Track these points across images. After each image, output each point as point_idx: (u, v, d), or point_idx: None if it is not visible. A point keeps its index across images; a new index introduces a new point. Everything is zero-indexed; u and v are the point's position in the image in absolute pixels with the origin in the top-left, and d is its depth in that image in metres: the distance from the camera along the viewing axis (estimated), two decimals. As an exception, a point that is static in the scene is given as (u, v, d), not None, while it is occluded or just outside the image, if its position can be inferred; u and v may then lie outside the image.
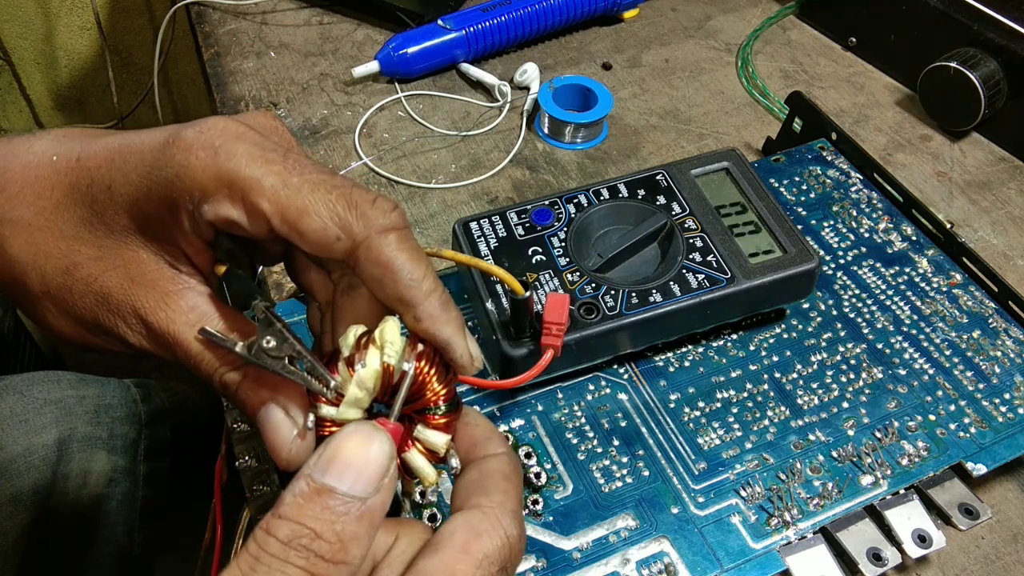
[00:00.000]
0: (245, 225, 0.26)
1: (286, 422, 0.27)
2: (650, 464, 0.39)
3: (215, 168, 0.25)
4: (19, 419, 0.54)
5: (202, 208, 0.26)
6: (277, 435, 0.27)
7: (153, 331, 0.27)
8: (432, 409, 0.28)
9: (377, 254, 0.26)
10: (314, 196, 0.25)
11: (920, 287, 0.46)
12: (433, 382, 0.27)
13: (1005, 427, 0.40)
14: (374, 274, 0.26)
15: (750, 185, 0.45)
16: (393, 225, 0.26)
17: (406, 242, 0.27)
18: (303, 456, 0.27)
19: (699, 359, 0.43)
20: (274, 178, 0.25)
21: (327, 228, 0.25)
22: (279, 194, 0.25)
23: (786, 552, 0.36)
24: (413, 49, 0.61)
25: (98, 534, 0.56)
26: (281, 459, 0.27)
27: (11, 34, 1.09)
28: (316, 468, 0.23)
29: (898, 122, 0.62)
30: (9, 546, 0.50)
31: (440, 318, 0.27)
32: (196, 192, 0.25)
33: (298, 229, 0.25)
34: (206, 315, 0.28)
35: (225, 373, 0.28)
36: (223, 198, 0.25)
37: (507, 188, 0.56)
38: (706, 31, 0.70)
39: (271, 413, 0.27)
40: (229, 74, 0.63)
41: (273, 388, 0.27)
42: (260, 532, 0.22)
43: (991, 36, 0.57)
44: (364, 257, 0.26)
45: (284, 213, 0.25)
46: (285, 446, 0.27)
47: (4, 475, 0.52)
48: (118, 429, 0.59)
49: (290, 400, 0.27)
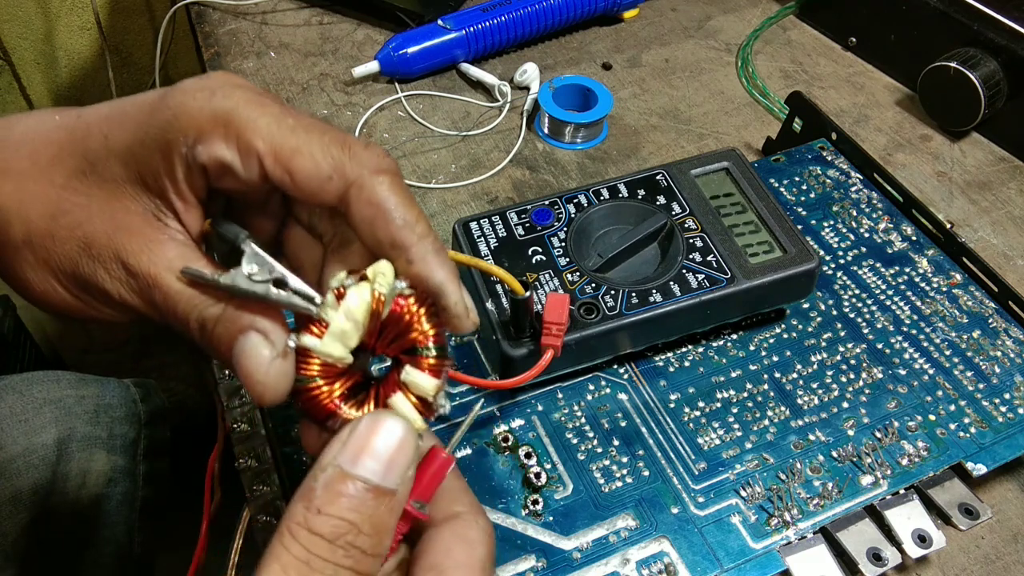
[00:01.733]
0: (238, 167, 0.26)
1: (263, 343, 0.25)
2: (650, 464, 0.39)
3: (211, 107, 0.25)
4: (19, 419, 0.54)
5: (196, 149, 0.25)
6: (253, 358, 0.25)
7: (133, 274, 0.27)
8: (422, 350, 0.26)
9: (370, 193, 0.26)
10: (308, 136, 0.25)
11: (920, 287, 0.46)
12: (423, 320, 0.26)
13: (1005, 427, 0.40)
14: (366, 215, 0.26)
15: (750, 185, 0.45)
16: (387, 167, 0.26)
17: (399, 185, 0.26)
18: (280, 384, 0.25)
19: (699, 359, 0.43)
20: (269, 118, 0.25)
21: (319, 167, 0.25)
22: (273, 133, 0.25)
23: (786, 552, 0.36)
24: (413, 49, 0.61)
25: (98, 534, 0.56)
26: (256, 383, 0.25)
27: (11, 34, 1.09)
28: (345, 457, 0.23)
29: (898, 122, 0.62)
30: (9, 546, 0.50)
31: (433, 261, 0.26)
32: (191, 132, 0.25)
33: (290, 168, 0.25)
34: (190, 261, 0.27)
35: (204, 309, 0.26)
36: (218, 138, 0.25)
37: (507, 188, 0.56)
38: (706, 31, 0.70)
39: (247, 338, 0.25)
40: (229, 74, 0.63)
41: (251, 318, 0.26)
42: (302, 531, 0.22)
43: (991, 36, 0.57)
44: (356, 197, 0.26)
45: (277, 152, 0.25)
46: (262, 368, 0.25)
47: (4, 475, 0.52)
48: (118, 429, 0.59)
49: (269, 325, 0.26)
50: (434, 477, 0.26)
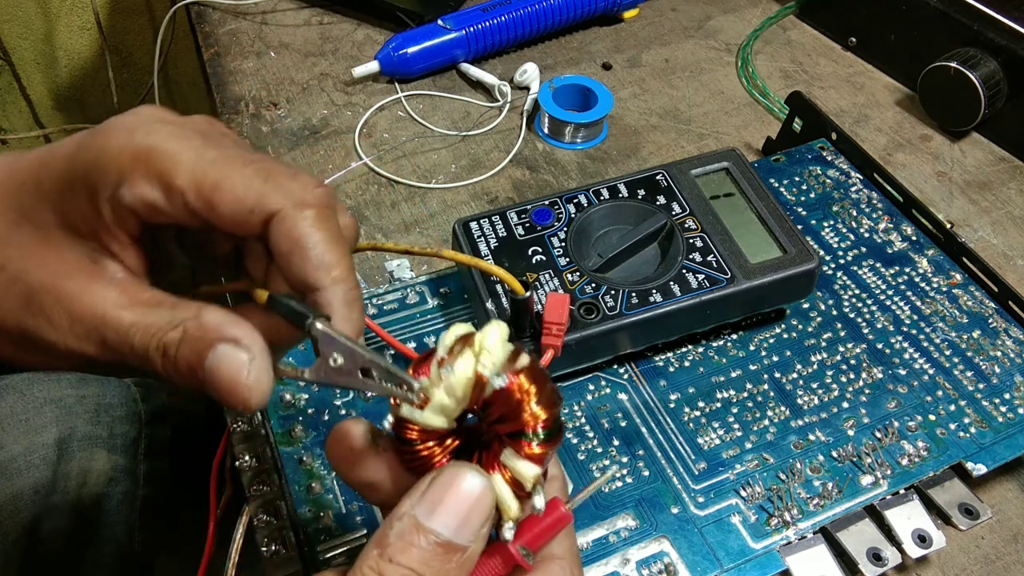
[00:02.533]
0: (162, 204, 0.25)
1: (238, 350, 0.24)
2: (650, 464, 0.39)
3: (131, 147, 0.25)
4: (19, 418, 0.54)
5: (120, 191, 0.25)
6: (231, 366, 0.24)
7: (78, 318, 0.26)
8: (526, 435, 0.24)
9: (289, 227, 0.25)
10: (229, 168, 0.25)
11: (920, 287, 0.46)
12: (531, 403, 0.24)
13: (1005, 427, 0.40)
14: (282, 249, 0.25)
15: (750, 185, 0.45)
16: (314, 201, 0.25)
17: (325, 222, 0.25)
18: (264, 384, 0.24)
19: (699, 359, 0.43)
20: (191, 153, 0.25)
21: (240, 200, 0.24)
22: (194, 168, 0.24)
23: (786, 552, 0.36)
24: (413, 49, 0.61)
25: (98, 533, 0.56)
26: (241, 388, 0.24)
27: (11, 34, 1.09)
28: (420, 509, 0.23)
29: (898, 122, 0.62)
30: (9, 545, 0.50)
31: (338, 312, 0.25)
32: (113, 174, 0.25)
33: (211, 203, 0.25)
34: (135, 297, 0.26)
35: (164, 335, 0.25)
36: (139, 177, 0.25)
37: (507, 188, 0.56)
38: (706, 31, 0.70)
39: (218, 350, 0.24)
40: (229, 74, 0.63)
41: (216, 329, 0.24)
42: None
43: (991, 36, 0.57)
44: (275, 230, 0.25)
45: (199, 187, 0.24)
46: (243, 373, 0.24)
47: (4, 474, 0.52)
48: (118, 428, 0.59)
49: (238, 332, 0.24)
50: (548, 530, 0.25)
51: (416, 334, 0.43)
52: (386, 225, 0.53)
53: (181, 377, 0.25)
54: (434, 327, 0.43)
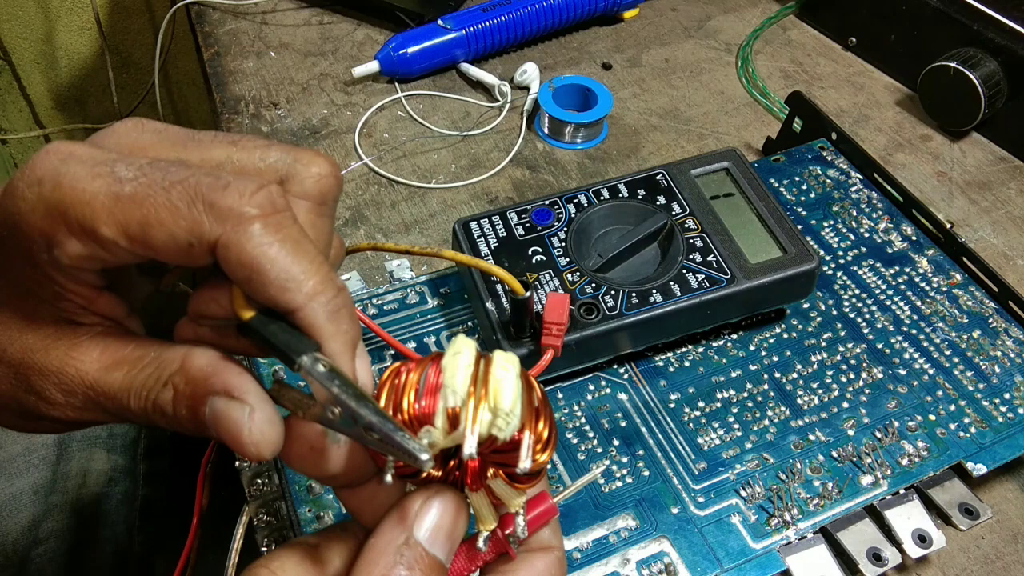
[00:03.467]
0: (103, 256, 0.22)
1: (230, 407, 0.22)
2: (650, 464, 0.39)
3: (43, 206, 0.21)
4: (19, 419, 0.54)
5: (53, 254, 0.21)
6: (230, 423, 0.22)
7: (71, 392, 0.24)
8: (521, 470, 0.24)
9: (236, 253, 0.21)
10: (150, 201, 0.21)
11: (920, 287, 0.46)
12: (535, 449, 0.24)
13: (1005, 427, 0.40)
14: (240, 278, 0.22)
15: (750, 185, 0.45)
16: (256, 212, 0.21)
17: (277, 231, 0.21)
18: (272, 435, 0.22)
19: (699, 359, 0.43)
20: (103, 195, 0.21)
21: (174, 236, 0.21)
22: (112, 210, 0.21)
23: (786, 552, 0.36)
24: (413, 49, 0.61)
25: (98, 533, 0.56)
26: (246, 445, 0.22)
27: (11, 34, 1.09)
28: (426, 537, 0.23)
29: (898, 122, 0.62)
30: (9, 546, 0.50)
31: (324, 330, 0.22)
32: (38, 238, 0.21)
33: (148, 244, 0.21)
34: (117, 350, 0.24)
35: (157, 395, 0.23)
36: (63, 237, 0.21)
37: (507, 188, 0.56)
38: (706, 31, 0.70)
39: (212, 405, 0.22)
40: (229, 74, 0.63)
41: (205, 383, 0.23)
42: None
43: (991, 36, 0.57)
44: (223, 259, 0.21)
45: (127, 232, 0.21)
46: (243, 429, 0.22)
47: (4, 474, 0.52)
48: (118, 428, 0.59)
49: (229, 381, 0.23)
50: (536, 520, 0.26)
51: (416, 334, 0.43)
52: (386, 225, 0.53)
53: (194, 431, 0.24)
54: (434, 327, 0.43)
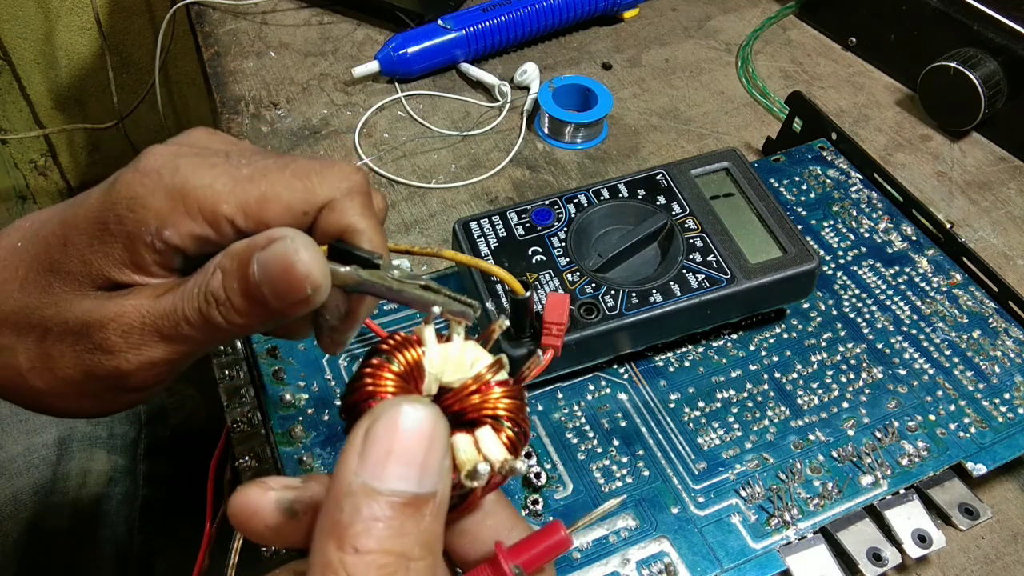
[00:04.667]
0: (212, 236, 0.25)
1: (276, 244, 0.24)
2: (650, 464, 0.39)
3: (163, 189, 0.25)
4: (19, 418, 0.54)
5: (164, 234, 0.25)
6: (277, 259, 0.24)
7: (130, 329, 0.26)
8: (505, 424, 0.24)
9: (338, 216, 0.26)
10: (268, 180, 0.25)
11: (920, 287, 0.46)
12: (525, 412, 0.25)
13: (1005, 427, 0.40)
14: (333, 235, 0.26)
15: (750, 185, 0.45)
16: (357, 188, 0.26)
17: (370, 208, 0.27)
18: (320, 265, 0.23)
19: (699, 359, 0.43)
20: (224, 178, 0.25)
21: (291, 206, 0.25)
22: (234, 191, 0.25)
23: (786, 552, 0.36)
24: (413, 49, 0.61)
25: (98, 533, 0.56)
26: (298, 283, 0.23)
27: (11, 34, 1.09)
28: (368, 472, 0.19)
29: (898, 122, 0.62)
30: (9, 545, 0.50)
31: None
32: (152, 220, 0.25)
33: (263, 220, 0.25)
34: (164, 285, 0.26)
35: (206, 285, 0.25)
36: (181, 216, 0.25)
37: (507, 188, 0.56)
38: (706, 31, 0.70)
39: (259, 256, 0.24)
40: (229, 74, 0.63)
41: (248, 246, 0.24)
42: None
43: (991, 36, 0.57)
44: (325, 219, 0.26)
45: (245, 210, 0.25)
46: (292, 259, 0.23)
47: (4, 474, 0.52)
48: (118, 428, 0.59)
49: (273, 233, 0.24)
50: (546, 552, 0.24)
51: (416, 334, 0.43)
52: (386, 225, 0.53)
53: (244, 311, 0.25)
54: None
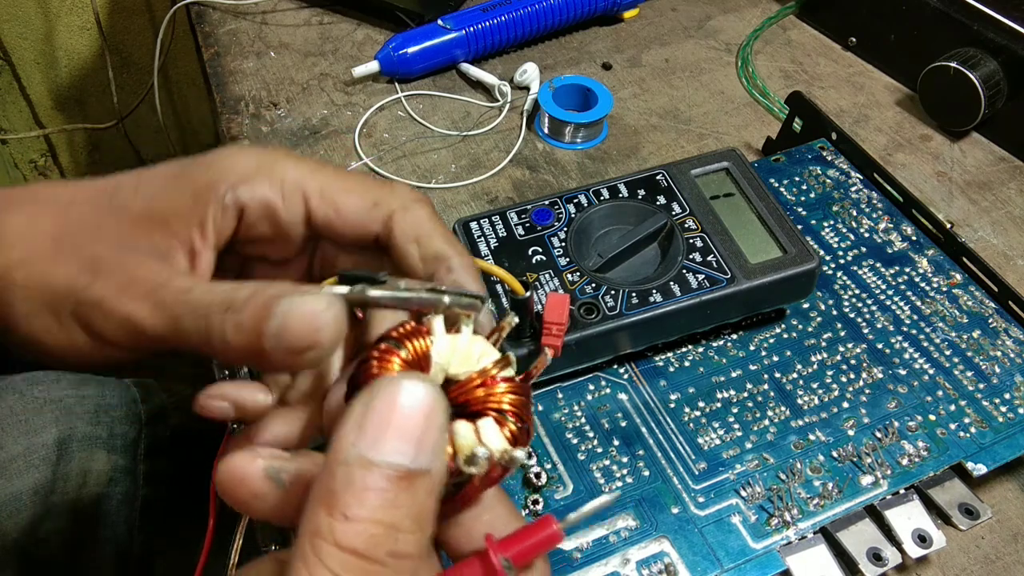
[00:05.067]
0: (280, 206, 0.28)
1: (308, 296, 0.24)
2: (650, 464, 0.39)
3: (256, 158, 0.28)
4: (19, 418, 0.54)
5: (239, 190, 0.27)
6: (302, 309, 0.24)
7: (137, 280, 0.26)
8: (509, 419, 0.24)
9: (413, 219, 0.29)
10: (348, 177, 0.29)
11: (920, 287, 0.46)
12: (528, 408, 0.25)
13: (1005, 427, 0.40)
14: (410, 233, 0.29)
15: (750, 185, 0.45)
16: (423, 198, 0.30)
17: (435, 212, 0.30)
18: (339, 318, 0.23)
19: (699, 359, 0.43)
20: (311, 165, 0.29)
21: (364, 199, 0.28)
22: (318, 177, 0.28)
23: (786, 552, 0.36)
24: (413, 49, 0.61)
25: (98, 533, 0.56)
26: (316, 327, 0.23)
27: (11, 34, 1.09)
28: (364, 442, 0.19)
29: (898, 122, 0.62)
30: (9, 545, 0.50)
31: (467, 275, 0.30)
32: (234, 177, 0.27)
33: (337, 205, 0.28)
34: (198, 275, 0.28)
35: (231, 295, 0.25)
36: (262, 180, 0.28)
37: (507, 188, 0.56)
38: (706, 31, 0.70)
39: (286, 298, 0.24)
40: (229, 74, 0.63)
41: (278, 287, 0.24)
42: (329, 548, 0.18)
43: (991, 36, 0.57)
44: (400, 219, 0.29)
45: (324, 191, 0.28)
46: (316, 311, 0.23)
47: (4, 474, 0.52)
48: (118, 428, 0.59)
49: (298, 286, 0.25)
50: (537, 546, 0.23)
51: (416, 334, 0.43)
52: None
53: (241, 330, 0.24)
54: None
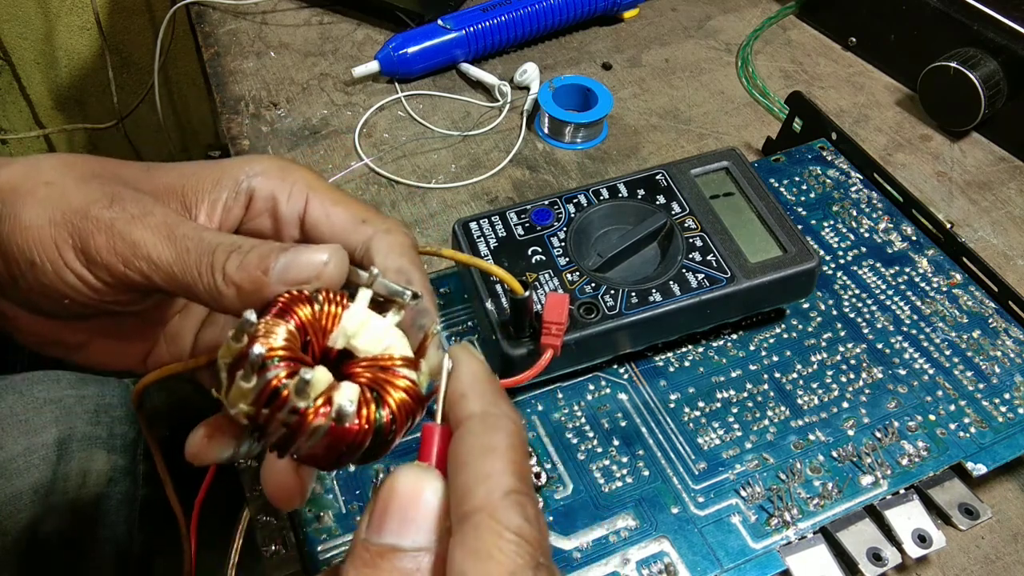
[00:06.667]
0: (282, 202, 0.31)
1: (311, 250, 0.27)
2: (650, 464, 0.39)
3: (279, 162, 0.31)
4: (19, 419, 0.54)
5: (255, 179, 0.30)
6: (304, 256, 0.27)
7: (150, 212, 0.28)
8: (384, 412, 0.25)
9: (394, 238, 0.30)
10: (348, 196, 0.31)
11: (920, 287, 0.46)
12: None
13: (1005, 427, 0.40)
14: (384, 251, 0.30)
15: (750, 185, 0.45)
16: (407, 230, 0.31)
17: (415, 245, 0.31)
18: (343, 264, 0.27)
19: (699, 359, 0.43)
20: (321, 178, 0.32)
21: (355, 215, 0.30)
22: (322, 184, 0.31)
23: (786, 552, 0.36)
24: (413, 49, 0.61)
25: (98, 533, 0.56)
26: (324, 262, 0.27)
27: (11, 34, 1.09)
28: (369, 529, 0.22)
29: (898, 122, 0.62)
30: (9, 545, 0.50)
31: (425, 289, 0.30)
32: (252, 170, 0.30)
33: (330, 212, 0.31)
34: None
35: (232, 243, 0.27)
36: (276, 178, 0.31)
37: (507, 188, 0.56)
38: (706, 31, 0.70)
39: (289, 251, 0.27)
40: (229, 74, 0.63)
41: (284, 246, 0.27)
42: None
43: (991, 36, 0.57)
44: (381, 238, 0.30)
45: (323, 199, 0.31)
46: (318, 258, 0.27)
47: (4, 474, 0.52)
48: (118, 428, 0.59)
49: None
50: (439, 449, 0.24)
51: (416, 334, 0.43)
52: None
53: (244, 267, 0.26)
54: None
